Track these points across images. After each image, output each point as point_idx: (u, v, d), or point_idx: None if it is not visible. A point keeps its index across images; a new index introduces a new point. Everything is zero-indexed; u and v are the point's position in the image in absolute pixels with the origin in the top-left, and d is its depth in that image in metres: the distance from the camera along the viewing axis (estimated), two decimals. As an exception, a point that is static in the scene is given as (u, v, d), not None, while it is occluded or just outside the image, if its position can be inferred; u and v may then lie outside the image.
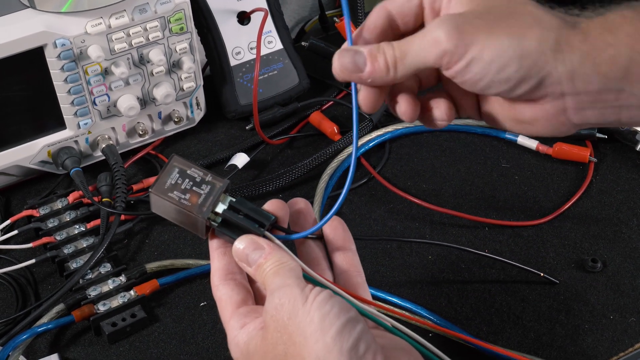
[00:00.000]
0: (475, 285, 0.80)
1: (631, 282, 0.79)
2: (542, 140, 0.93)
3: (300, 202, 0.60)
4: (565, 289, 0.79)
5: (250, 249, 0.55)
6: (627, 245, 0.83)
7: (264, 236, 0.56)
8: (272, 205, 0.58)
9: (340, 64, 0.54)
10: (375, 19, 0.56)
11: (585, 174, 0.90)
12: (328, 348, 0.49)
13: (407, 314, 0.76)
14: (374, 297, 0.78)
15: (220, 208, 0.56)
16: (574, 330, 0.75)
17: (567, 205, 0.87)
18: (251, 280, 0.59)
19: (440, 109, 0.56)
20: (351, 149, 0.92)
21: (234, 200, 0.56)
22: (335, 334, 0.49)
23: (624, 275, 0.80)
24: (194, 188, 0.56)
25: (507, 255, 0.82)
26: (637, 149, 0.92)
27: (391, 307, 0.76)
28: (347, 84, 1.02)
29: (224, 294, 0.56)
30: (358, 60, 0.53)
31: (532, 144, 0.93)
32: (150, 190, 0.56)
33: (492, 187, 0.90)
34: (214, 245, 0.58)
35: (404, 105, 0.56)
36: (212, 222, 0.56)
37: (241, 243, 0.55)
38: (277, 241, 0.56)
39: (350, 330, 0.49)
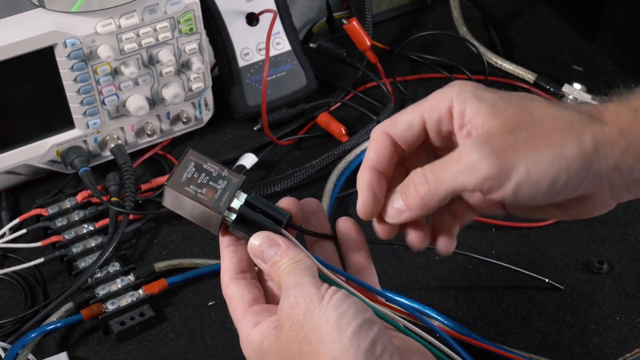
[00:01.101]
0: (483, 286, 0.80)
1: (637, 284, 0.80)
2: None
3: (312, 203, 0.60)
4: (572, 290, 0.79)
5: (266, 246, 0.55)
6: (633, 247, 0.83)
7: (281, 233, 0.56)
8: (285, 203, 0.58)
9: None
10: (381, 147, 0.55)
11: (592, 176, 0.90)
12: (344, 348, 0.49)
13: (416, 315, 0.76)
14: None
15: (236, 204, 0.56)
16: (581, 332, 0.76)
17: (574, 207, 0.87)
18: (261, 280, 0.59)
19: (446, 244, 0.57)
20: (359, 150, 0.93)
21: (249, 196, 0.56)
22: (352, 335, 0.49)
23: (630, 276, 0.80)
24: (210, 183, 0.56)
25: (514, 257, 0.82)
26: (644, 151, 0.92)
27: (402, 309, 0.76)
28: (354, 86, 1.03)
29: (235, 292, 0.56)
30: (397, 207, 0.54)
31: (539, 146, 0.93)
32: (165, 183, 0.56)
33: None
34: (225, 242, 0.57)
35: (412, 235, 0.56)
36: (227, 218, 0.56)
37: (257, 239, 0.55)
38: (293, 239, 0.56)
39: (367, 331, 0.49)
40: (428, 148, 0.57)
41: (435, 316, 0.76)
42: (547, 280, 0.79)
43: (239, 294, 0.56)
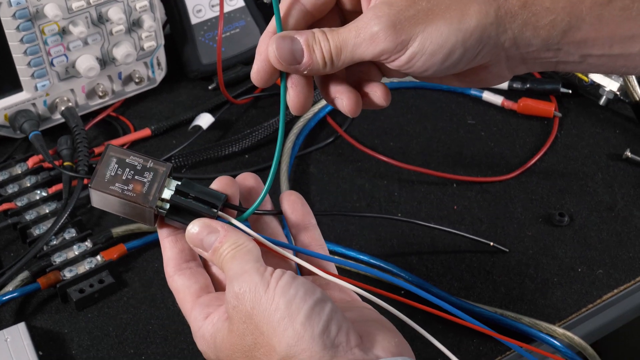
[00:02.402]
0: (446, 241, 0.80)
1: (597, 235, 0.80)
2: (507, 96, 0.93)
3: (249, 179, 0.58)
4: (534, 243, 0.80)
5: (205, 233, 0.52)
6: (592, 199, 0.84)
7: (218, 217, 0.53)
8: (220, 183, 0.55)
9: (278, 53, 0.51)
10: (289, 12, 0.53)
11: (550, 129, 0.91)
12: (298, 335, 0.47)
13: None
14: (345, 255, 0.78)
15: (167, 194, 0.53)
16: (544, 284, 0.76)
17: (533, 161, 0.87)
18: (207, 265, 0.56)
19: (377, 95, 0.55)
20: (318, 107, 0.91)
21: (179, 183, 0.54)
22: (304, 319, 0.47)
23: (590, 228, 0.81)
24: (136, 177, 0.53)
25: (476, 212, 0.83)
26: (601, 103, 0.92)
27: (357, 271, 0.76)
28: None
29: (181, 284, 0.54)
30: (295, 50, 0.51)
31: (498, 99, 0.93)
32: (89, 185, 0.53)
33: (458, 143, 0.90)
34: (164, 233, 0.55)
35: (346, 102, 0.54)
36: (160, 210, 0.53)
37: (194, 227, 0.53)
38: (234, 221, 0.53)
39: (319, 312, 0.48)
40: (337, 15, 0.56)
41: (399, 273, 0.76)
42: (491, 243, 0.79)
43: (185, 286, 0.54)
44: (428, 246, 0.80)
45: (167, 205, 0.53)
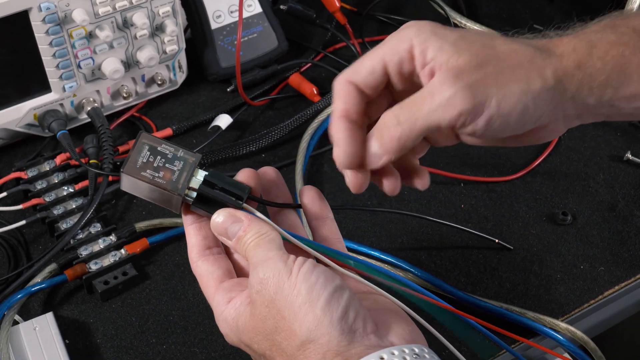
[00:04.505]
0: (453, 238, 0.83)
1: (599, 234, 0.83)
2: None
3: (270, 172, 0.60)
4: (538, 241, 0.83)
5: (229, 223, 0.54)
6: (594, 199, 0.87)
7: (242, 208, 0.55)
8: (244, 175, 0.57)
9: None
10: (348, 96, 0.54)
11: (555, 132, 0.94)
12: (318, 320, 0.49)
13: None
14: (356, 251, 0.81)
15: (195, 183, 0.55)
16: (547, 280, 0.79)
17: (538, 162, 0.90)
18: (229, 252, 0.59)
19: (421, 183, 0.56)
20: (331, 109, 0.94)
21: (207, 174, 0.56)
22: (324, 305, 0.50)
23: (592, 227, 0.84)
24: (166, 165, 0.55)
25: (482, 210, 0.86)
26: (604, 107, 0.95)
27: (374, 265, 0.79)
28: (324, 47, 1.04)
29: (205, 269, 0.56)
30: (374, 151, 0.53)
31: (505, 103, 0.96)
32: (121, 170, 0.55)
33: (466, 145, 0.91)
34: (189, 220, 0.57)
35: (386, 183, 0.56)
36: (187, 198, 0.55)
37: (219, 217, 0.55)
38: (257, 213, 0.56)
39: (338, 298, 0.50)
40: (388, 94, 0.56)
41: (409, 269, 0.79)
42: (497, 240, 0.82)
43: (208, 271, 0.56)
44: (436, 243, 0.83)
45: (194, 194, 0.55)
